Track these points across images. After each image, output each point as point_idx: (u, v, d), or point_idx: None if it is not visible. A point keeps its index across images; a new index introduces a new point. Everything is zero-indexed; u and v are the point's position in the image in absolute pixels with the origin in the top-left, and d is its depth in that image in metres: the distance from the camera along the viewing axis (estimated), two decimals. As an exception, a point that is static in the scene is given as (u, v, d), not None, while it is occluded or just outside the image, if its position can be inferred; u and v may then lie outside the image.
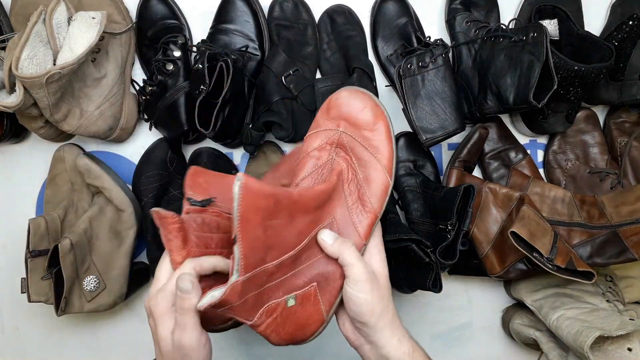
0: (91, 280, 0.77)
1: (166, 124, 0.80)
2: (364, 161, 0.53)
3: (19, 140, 0.87)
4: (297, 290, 0.48)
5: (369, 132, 0.53)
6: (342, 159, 0.53)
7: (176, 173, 0.84)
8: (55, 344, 0.90)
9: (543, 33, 0.69)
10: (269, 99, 0.77)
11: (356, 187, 0.52)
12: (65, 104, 0.73)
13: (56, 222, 0.79)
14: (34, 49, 0.66)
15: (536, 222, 0.71)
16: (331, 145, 0.53)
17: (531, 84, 0.69)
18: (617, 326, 0.64)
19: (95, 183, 0.79)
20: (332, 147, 0.53)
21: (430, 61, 0.74)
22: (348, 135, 0.53)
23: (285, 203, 0.44)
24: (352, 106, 0.53)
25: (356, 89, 0.55)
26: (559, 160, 0.88)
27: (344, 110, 0.54)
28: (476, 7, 0.84)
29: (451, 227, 0.69)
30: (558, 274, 0.68)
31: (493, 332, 0.90)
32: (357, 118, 0.53)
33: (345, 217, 0.51)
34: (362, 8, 0.85)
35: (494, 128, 0.86)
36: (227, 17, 0.82)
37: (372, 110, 0.54)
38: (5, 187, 0.89)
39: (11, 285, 0.87)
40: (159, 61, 0.79)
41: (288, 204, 0.45)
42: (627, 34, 0.81)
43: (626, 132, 0.86)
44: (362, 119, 0.53)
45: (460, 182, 0.80)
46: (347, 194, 0.52)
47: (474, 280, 0.89)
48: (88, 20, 0.71)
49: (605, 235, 0.76)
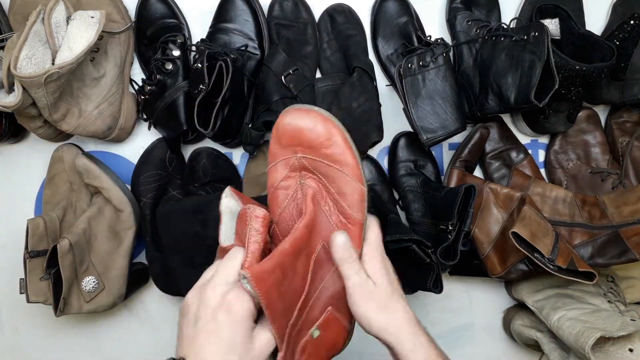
0: (90, 280, 0.77)
1: (165, 123, 0.80)
2: (332, 177, 0.51)
3: (18, 140, 0.87)
4: (317, 321, 0.49)
5: (327, 149, 0.51)
6: (311, 180, 0.52)
7: (175, 173, 0.84)
8: (55, 345, 0.90)
9: (544, 32, 0.69)
10: (268, 99, 0.77)
11: (334, 203, 0.52)
12: (64, 103, 0.73)
13: (55, 223, 0.78)
14: (32, 49, 0.66)
15: (537, 222, 0.71)
16: (295, 171, 0.52)
17: (532, 83, 0.69)
18: (618, 327, 0.63)
19: (94, 183, 0.79)
20: (296, 173, 0.52)
21: (430, 60, 0.74)
22: (308, 158, 0.51)
23: (287, 261, 0.45)
24: (300, 129, 0.50)
25: (298, 108, 0.52)
26: (560, 160, 0.87)
27: (294, 136, 0.51)
28: (477, 6, 0.84)
29: (452, 228, 0.69)
30: (559, 274, 0.68)
31: (494, 332, 0.90)
32: (310, 139, 0.50)
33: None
34: (362, 7, 0.85)
35: (495, 128, 0.85)
36: (226, 16, 0.82)
37: (323, 125, 0.51)
38: (4, 187, 0.88)
39: (10, 286, 0.86)
40: (158, 60, 0.78)
41: (288, 260, 0.45)
42: (628, 33, 0.80)
43: (628, 132, 0.86)
44: (316, 138, 0.50)
45: (461, 182, 0.80)
46: (327, 214, 0.51)
47: (475, 280, 0.89)
48: (87, 20, 0.71)
49: (607, 236, 0.76)
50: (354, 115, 0.75)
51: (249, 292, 0.43)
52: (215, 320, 0.42)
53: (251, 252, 0.46)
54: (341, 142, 0.51)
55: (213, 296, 0.43)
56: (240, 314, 0.42)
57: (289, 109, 0.52)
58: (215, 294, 0.43)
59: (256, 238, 0.46)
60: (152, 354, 0.88)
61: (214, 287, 0.44)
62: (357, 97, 0.75)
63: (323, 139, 0.51)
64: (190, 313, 0.44)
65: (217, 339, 0.41)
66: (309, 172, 0.52)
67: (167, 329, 0.88)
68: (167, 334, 0.88)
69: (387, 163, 0.87)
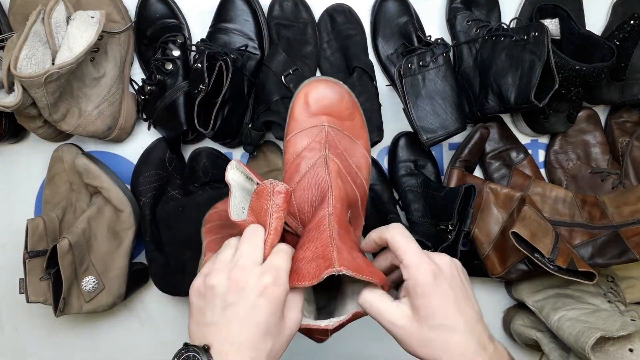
0: (90, 280, 0.77)
1: (165, 123, 0.80)
2: (351, 150, 0.53)
3: (18, 140, 0.87)
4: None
5: (349, 122, 0.53)
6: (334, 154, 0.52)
7: (175, 173, 0.84)
8: (54, 345, 0.90)
9: (544, 32, 0.69)
10: (268, 99, 0.77)
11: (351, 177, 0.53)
12: (64, 103, 0.73)
13: (54, 223, 0.78)
14: (32, 49, 0.66)
15: (537, 222, 0.71)
16: (319, 142, 0.52)
17: (532, 83, 0.69)
18: (618, 327, 0.63)
19: (93, 183, 0.79)
20: (321, 145, 0.52)
21: (430, 60, 0.74)
22: (334, 128, 0.53)
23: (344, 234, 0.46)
24: (333, 99, 0.53)
25: (328, 80, 0.54)
26: (560, 160, 0.87)
27: (326, 105, 0.53)
28: (477, 6, 0.84)
29: (452, 228, 0.69)
30: (559, 274, 0.68)
31: (494, 332, 0.88)
32: (339, 110, 0.53)
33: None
34: (362, 7, 0.85)
35: (495, 128, 0.85)
36: (226, 16, 0.82)
37: (350, 100, 0.54)
38: (3, 187, 0.88)
39: (10, 286, 0.86)
40: (158, 60, 0.78)
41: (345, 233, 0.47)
42: (628, 33, 0.80)
43: (628, 132, 0.86)
44: (345, 110, 0.53)
45: (461, 182, 0.80)
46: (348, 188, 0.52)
47: (474, 280, 0.88)
48: (87, 20, 0.71)
49: (607, 236, 0.76)
50: (354, 115, 0.75)
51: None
52: (255, 306, 0.40)
53: (274, 230, 0.44)
54: (360, 116, 0.54)
55: (246, 280, 0.41)
56: (280, 299, 0.41)
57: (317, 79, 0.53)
58: (248, 277, 0.41)
59: (279, 214, 0.44)
60: (152, 354, 0.88)
61: (243, 270, 0.41)
62: (357, 97, 0.75)
63: (350, 111, 0.53)
64: (216, 297, 0.41)
65: (254, 324, 0.40)
66: (333, 144, 0.52)
67: (167, 328, 0.88)
68: (167, 334, 0.88)
69: (387, 163, 0.87)
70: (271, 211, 0.44)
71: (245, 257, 0.42)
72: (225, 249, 0.45)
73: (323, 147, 0.52)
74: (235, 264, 0.42)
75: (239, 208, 0.49)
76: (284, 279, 0.42)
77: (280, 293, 0.41)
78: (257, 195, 0.45)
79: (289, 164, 0.53)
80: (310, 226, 0.47)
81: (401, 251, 0.44)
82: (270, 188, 0.44)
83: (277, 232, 0.44)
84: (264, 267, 0.42)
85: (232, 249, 0.44)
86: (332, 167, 0.51)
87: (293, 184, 0.51)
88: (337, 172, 0.51)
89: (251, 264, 0.42)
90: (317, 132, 0.52)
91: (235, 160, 0.51)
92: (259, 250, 0.43)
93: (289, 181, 0.52)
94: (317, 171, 0.51)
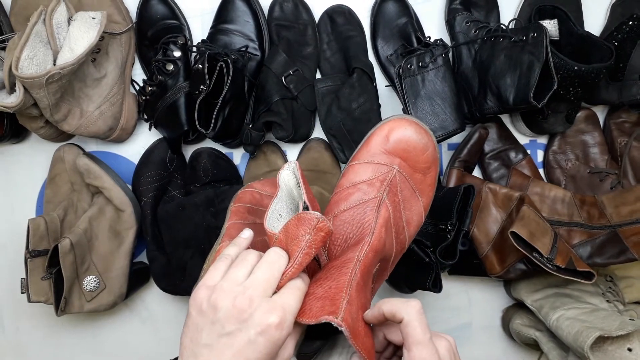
0: (91, 280, 0.77)
1: (166, 124, 0.80)
2: (410, 204, 0.49)
3: (19, 140, 0.87)
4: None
5: (421, 175, 0.50)
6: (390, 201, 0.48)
7: (176, 173, 0.84)
8: (55, 344, 0.90)
9: (543, 33, 0.69)
10: (269, 99, 0.77)
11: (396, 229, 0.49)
12: (65, 104, 0.73)
13: (56, 222, 0.79)
14: (34, 49, 0.66)
15: (536, 222, 0.71)
16: (382, 182, 0.49)
17: (531, 84, 0.69)
18: (617, 326, 0.64)
19: (95, 183, 0.79)
20: (382, 185, 0.48)
21: (430, 61, 0.74)
22: (402, 175, 0.49)
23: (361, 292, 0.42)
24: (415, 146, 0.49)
25: (420, 125, 0.50)
26: (559, 160, 0.87)
27: (405, 149, 0.49)
28: (476, 7, 0.84)
29: (451, 227, 0.69)
30: (558, 274, 0.68)
31: (493, 332, 0.90)
32: (417, 160, 0.49)
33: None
34: (362, 8, 0.85)
35: (494, 128, 0.86)
36: (227, 17, 0.82)
37: (432, 154, 0.50)
38: (5, 187, 0.89)
39: (11, 285, 0.87)
40: (159, 61, 0.79)
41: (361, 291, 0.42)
42: (627, 34, 0.81)
43: (626, 132, 0.86)
44: (422, 163, 0.49)
45: (460, 182, 0.80)
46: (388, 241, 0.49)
47: (474, 280, 0.89)
48: (88, 21, 0.71)
49: (605, 235, 0.76)
50: (353, 116, 0.75)
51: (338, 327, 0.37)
52: (253, 343, 0.38)
53: (298, 265, 0.41)
54: (434, 175, 0.51)
55: (251, 312, 0.39)
56: (280, 341, 0.39)
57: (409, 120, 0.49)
58: (254, 310, 0.39)
59: (309, 251, 0.41)
60: (153, 353, 0.88)
61: (251, 301, 0.39)
62: (356, 98, 0.75)
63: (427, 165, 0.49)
64: (216, 321, 0.40)
65: (245, 358, 0.38)
66: (393, 191, 0.49)
67: (168, 328, 0.89)
68: (168, 333, 0.88)
69: (387, 163, 0.87)
70: (304, 245, 0.40)
71: (256, 286, 0.40)
72: (240, 265, 0.43)
73: (383, 189, 0.48)
74: (245, 290, 0.40)
75: (277, 214, 0.46)
76: (290, 322, 0.39)
77: (282, 336, 0.39)
78: (297, 221, 0.41)
79: (340, 189, 0.50)
80: (334, 263, 0.44)
81: (412, 340, 0.40)
82: (315, 222, 0.40)
83: (300, 268, 0.41)
84: (273, 303, 0.39)
85: (247, 269, 0.42)
86: (382, 213, 0.47)
87: (336, 211, 0.48)
88: (386, 220, 0.47)
89: (261, 295, 0.40)
90: (384, 172, 0.49)
91: (295, 162, 0.47)
92: (274, 281, 0.41)
93: (333, 205, 0.49)
94: (365, 210, 0.48)
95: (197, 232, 0.75)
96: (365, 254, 0.43)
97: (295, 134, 0.80)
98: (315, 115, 0.84)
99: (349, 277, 0.41)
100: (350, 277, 0.41)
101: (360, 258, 0.43)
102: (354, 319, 0.39)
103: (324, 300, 0.40)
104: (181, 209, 0.76)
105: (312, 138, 0.85)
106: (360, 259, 0.43)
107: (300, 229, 0.40)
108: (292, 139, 0.80)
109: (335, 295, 0.40)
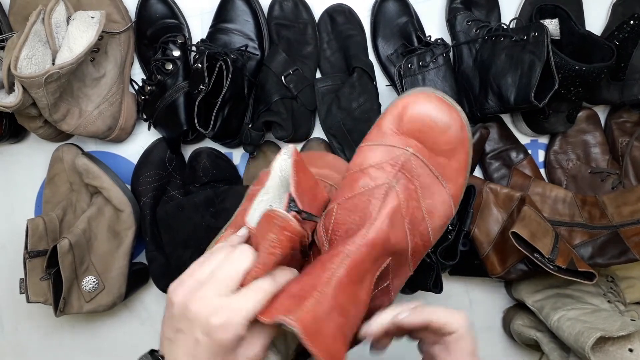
0: (90, 280, 0.77)
1: (165, 123, 0.80)
2: (431, 192, 0.43)
3: (18, 140, 0.87)
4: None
5: (444, 159, 0.42)
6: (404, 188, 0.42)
7: (175, 173, 0.84)
8: (55, 345, 0.90)
9: (544, 33, 0.69)
10: (268, 99, 0.77)
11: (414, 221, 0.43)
12: (64, 103, 0.73)
13: (55, 223, 0.78)
14: (32, 49, 0.66)
15: (537, 222, 0.71)
16: (393, 167, 0.42)
17: (532, 83, 0.69)
18: (618, 327, 0.63)
19: (93, 183, 0.79)
20: (393, 170, 0.42)
21: (430, 61, 0.74)
22: (419, 160, 0.42)
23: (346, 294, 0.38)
24: (434, 124, 0.41)
25: (440, 97, 0.42)
26: (560, 160, 0.87)
27: (423, 128, 0.41)
28: (477, 6, 0.84)
29: (452, 228, 0.69)
30: (559, 274, 0.68)
31: (494, 332, 0.90)
32: (436, 140, 0.41)
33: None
34: (362, 7, 0.85)
35: (494, 128, 0.85)
36: (226, 17, 0.82)
37: (457, 134, 0.42)
38: (4, 187, 0.88)
39: (10, 286, 0.86)
40: (158, 61, 0.79)
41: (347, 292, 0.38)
42: (628, 33, 0.80)
43: (627, 132, 0.86)
44: (443, 143, 0.41)
45: (461, 182, 0.79)
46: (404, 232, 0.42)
47: (474, 280, 0.89)
48: (87, 20, 0.71)
49: (607, 236, 0.76)
50: (353, 115, 0.75)
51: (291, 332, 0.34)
52: (198, 343, 0.37)
53: (262, 264, 0.38)
54: (463, 158, 0.43)
55: (198, 312, 0.37)
56: (226, 343, 0.37)
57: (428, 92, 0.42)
58: (202, 310, 0.37)
59: (272, 251, 0.37)
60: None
61: (203, 301, 0.38)
62: (357, 97, 0.75)
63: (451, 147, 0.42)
64: (172, 317, 0.40)
65: (196, 358, 0.38)
66: (408, 177, 0.42)
67: (167, 329, 0.89)
68: (167, 334, 0.88)
69: (387, 163, 0.86)
70: (268, 244, 0.37)
71: (213, 284, 0.38)
72: (207, 262, 0.41)
73: (394, 175, 0.42)
74: (200, 287, 0.38)
75: (267, 205, 0.42)
76: (237, 325, 0.37)
77: (227, 338, 0.37)
78: (264, 219, 0.38)
79: (348, 174, 0.44)
80: (323, 257, 0.40)
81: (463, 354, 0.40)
82: (279, 221, 0.37)
83: (265, 268, 0.38)
84: (223, 303, 0.37)
85: (212, 266, 0.40)
86: (389, 202, 0.41)
87: (342, 198, 0.43)
88: (394, 210, 0.41)
89: (214, 295, 0.38)
90: (397, 155, 0.42)
91: (295, 147, 0.42)
92: (232, 281, 0.38)
93: (340, 191, 0.44)
94: (370, 198, 0.42)
95: (197, 232, 0.74)
96: (358, 248, 0.38)
97: (295, 133, 0.79)
98: (315, 115, 0.84)
99: (330, 274, 0.37)
100: (330, 274, 0.37)
101: (349, 253, 0.38)
102: (318, 319, 0.35)
103: (293, 299, 0.36)
104: (180, 209, 0.76)
105: (312, 138, 0.85)
106: (349, 254, 0.38)
107: (266, 228, 0.38)
108: (292, 138, 0.80)
109: (307, 293, 0.36)
